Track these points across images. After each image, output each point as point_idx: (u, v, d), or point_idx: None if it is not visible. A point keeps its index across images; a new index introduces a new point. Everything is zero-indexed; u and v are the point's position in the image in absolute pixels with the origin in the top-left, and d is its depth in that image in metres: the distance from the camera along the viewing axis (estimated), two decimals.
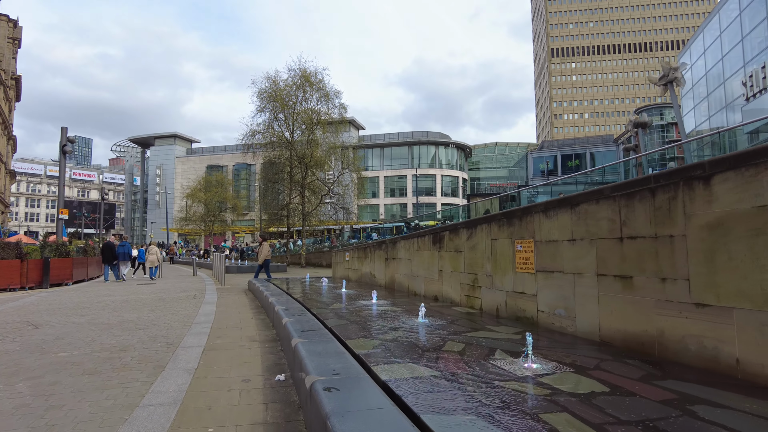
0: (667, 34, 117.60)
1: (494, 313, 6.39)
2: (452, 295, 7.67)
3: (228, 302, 11.15)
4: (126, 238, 24.05)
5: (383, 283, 11.12)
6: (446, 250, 7.84)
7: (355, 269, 13.63)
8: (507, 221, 6.14)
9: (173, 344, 6.19)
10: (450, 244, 7.72)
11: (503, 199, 33.13)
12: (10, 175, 49.39)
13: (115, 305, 10.86)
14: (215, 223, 57.19)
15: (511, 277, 6.02)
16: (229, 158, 75.80)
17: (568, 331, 4.98)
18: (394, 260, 10.39)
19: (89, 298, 12.29)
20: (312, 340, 4.39)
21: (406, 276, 9.66)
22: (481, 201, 34.43)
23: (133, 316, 9.08)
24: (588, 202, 4.72)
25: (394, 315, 6.25)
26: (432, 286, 8.42)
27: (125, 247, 18.75)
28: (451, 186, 69.36)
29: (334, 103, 31.24)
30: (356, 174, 33.98)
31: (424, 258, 8.72)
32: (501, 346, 4.28)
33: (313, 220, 33.59)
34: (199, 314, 9.11)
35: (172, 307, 10.21)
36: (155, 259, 20.11)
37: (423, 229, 30.11)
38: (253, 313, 9.22)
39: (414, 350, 4.10)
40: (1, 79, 42.33)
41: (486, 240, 6.63)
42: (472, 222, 7.05)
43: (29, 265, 15.91)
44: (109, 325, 7.98)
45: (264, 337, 6.64)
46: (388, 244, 10.76)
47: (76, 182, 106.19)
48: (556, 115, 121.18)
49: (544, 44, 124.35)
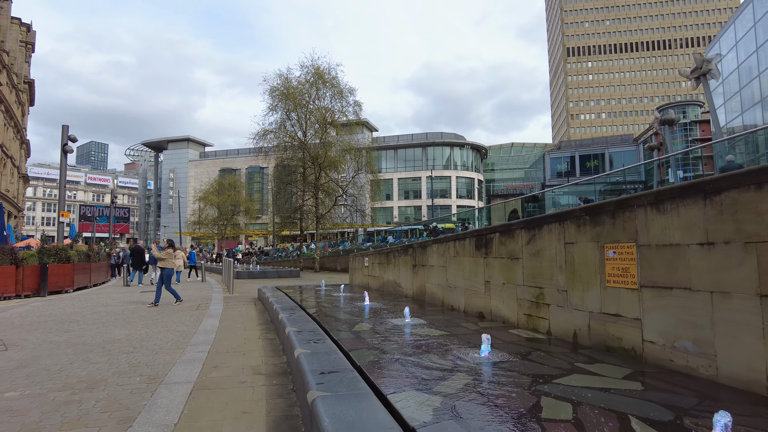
0: (687, 30, 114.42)
1: (570, 339, 4.89)
2: (505, 313, 6.18)
3: (234, 315, 9.81)
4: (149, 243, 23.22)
5: (410, 293, 9.66)
6: (496, 256, 6.37)
7: (375, 276, 12.20)
8: (590, 219, 4.65)
9: (156, 378, 4.82)
10: (501, 249, 6.23)
11: (525, 200, 31.42)
12: (24, 179, 49.14)
13: (108, 318, 9.59)
14: (228, 227, 56.28)
15: (598, 294, 4.53)
16: (242, 161, 75.15)
17: (701, 373, 3.48)
18: (424, 267, 8.92)
19: (84, 309, 11.07)
20: (338, 393, 2.96)
21: (440, 286, 8.19)
22: (502, 202, 32.79)
23: (123, 333, 7.78)
24: (740, 188, 3.22)
25: (443, 345, 4.77)
26: (476, 300, 6.94)
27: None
28: (467, 188, 67.63)
29: (348, 100, 29.97)
30: (372, 175, 32.56)
31: (465, 266, 7.25)
32: (627, 407, 2.80)
33: (327, 223, 32.25)
34: (199, 331, 7.76)
35: (170, 321, 8.90)
36: (181, 264, 20.92)
37: (450, 232, 28.03)
38: (261, 330, 7.84)
39: (500, 419, 2.64)
40: (13, 83, 42.00)
41: (556, 244, 5.14)
42: (535, 221, 5.56)
43: (25, 271, 14.81)
44: (90, 346, 6.67)
45: (272, 369, 5.23)
46: (417, 248, 9.30)
47: (92, 187, 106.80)
48: (572, 116, 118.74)
49: (559, 43, 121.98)
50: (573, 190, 33.12)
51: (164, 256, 11.33)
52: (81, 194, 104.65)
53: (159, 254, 11.44)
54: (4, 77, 37.39)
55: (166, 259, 11.35)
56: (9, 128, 40.78)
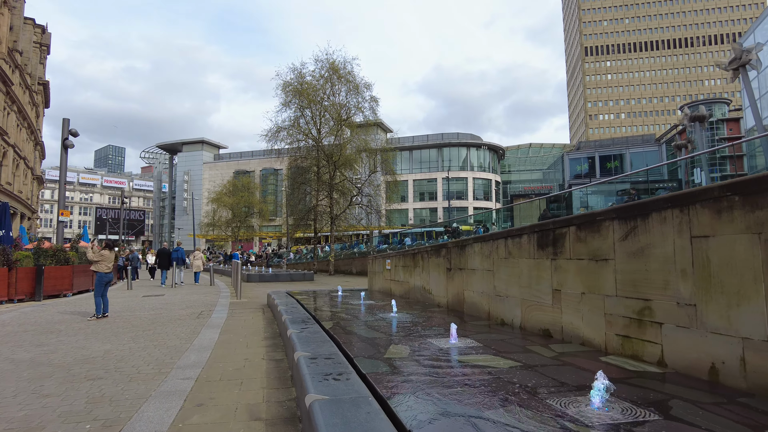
0: (710, 28, 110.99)
1: (705, 375, 3.37)
2: (585, 332, 4.67)
3: (237, 326, 8.44)
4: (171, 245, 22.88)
5: (443, 302, 8.17)
6: (570, 257, 4.86)
7: (399, 281, 10.73)
8: (742, 201, 3.14)
9: (113, 426, 3.44)
10: (579, 247, 4.73)
11: (550, 200, 29.60)
12: (38, 180, 48.88)
13: (96, 328, 8.31)
14: (241, 229, 55.37)
15: (763, 311, 3.01)
16: (256, 163, 74.42)
17: None
18: (462, 271, 7.43)
19: (72, 317, 9.83)
20: None
21: (485, 295, 6.69)
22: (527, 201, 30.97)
23: (103, 348, 6.46)
24: None
25: (526, 387, 3.27)
26: (538, 314, 5.44)
27: (179, 252, 19.88)
28: (484, 189, 65.81)
29: (364, 96, 28.55)
30: (391, 176, 31.02)
31: (521, 270, 5.75)
32: None
33: (342, 224, 30.86)
34: (192, 348, 6.39)
35: (163, 334, 7.56)
36: (200, 264, 21.30)
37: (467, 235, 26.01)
38: (267, 348, 6.43)
39: None
40: (27, 84, 41.68)
41: (675, 238, 3.63)
42: (636, 208, 4.05)
43: (18, 274, 13.68)
44: (54, 368, 5.35)
45: (276, 411, 3.79)
46: (452, 249, 7.81)
47: (108, 189, 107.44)
48: (590, 116, 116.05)
49: (576, 43, 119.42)
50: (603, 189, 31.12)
51: (98, 258, 9.61)
52: (97, 197, 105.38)
53: (92, 256, 9.66)
54: (16, 77, 36.97)
55: (100, 262, 9.63)
56: (22, 129, 40.41)
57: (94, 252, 9.65)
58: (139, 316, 9.81)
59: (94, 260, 9.65)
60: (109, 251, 9.75)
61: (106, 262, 9.70)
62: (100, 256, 9.61)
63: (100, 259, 9.62)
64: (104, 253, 9.65)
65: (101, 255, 9.61)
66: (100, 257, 9.61)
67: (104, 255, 9.65)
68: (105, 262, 9.69)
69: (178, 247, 20.50)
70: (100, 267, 9.66)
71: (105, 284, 9.69)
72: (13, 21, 38.33)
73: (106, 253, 9.68)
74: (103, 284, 9.61)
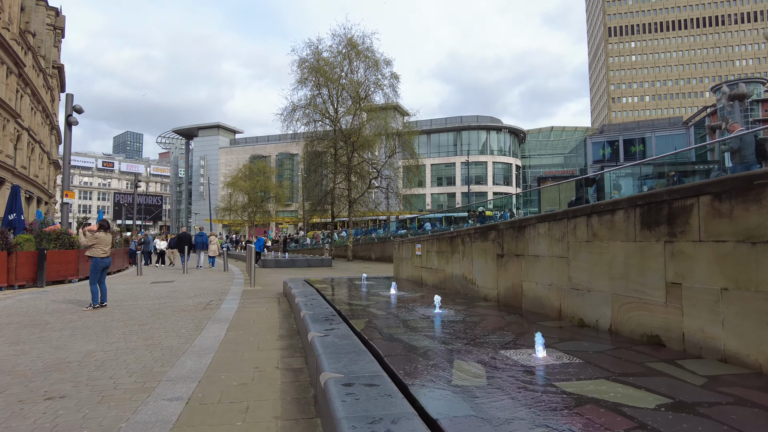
0: (743, 5, 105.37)
1: None
2: (729, 344, 3.30)
3: (248, 320, 7.26)
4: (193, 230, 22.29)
5: (493, 294, 6.83)
6: (700, 239, 3.48)
7: (432, 269, 9.42)
8: None
9: None
10: (719, 224, 3.35)
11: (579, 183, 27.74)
12: (54, 165, 48.62)
13: (87, 320, 7.22)
14: (257, 214, 54.61)
15: None
16: (272, 148, 73.50)
17: None
18: (520, 258, 6.08)
19: (68, 306, 8.81)
20: None
21: (554, 288, 5.34)
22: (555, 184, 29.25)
23: (85, 349, 5.33)
24: None
25: None
26: (641, 315, 4.07)
27: (203, 237, 20.10)
28: (504, 174, 63.83)
29: (383, 72, 26.99)
30: (413, 159, 29.47)
31: (614, 255, 4.37)
32: None
33: (360, 209, 29.61)
34: (191, 350, 5.21)
35: (161, 329, 6.42)
36: (216, 249, 20.92)
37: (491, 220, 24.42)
38: (282, 351, 5.21)
39: None
40: (41, 66, 41.05)
41: None
42: None
43: (18, 258, 12.79)
44: (14, 377, 4.19)
45: None
46: (505, 231, 6.45)
47: (126, 175, 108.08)
48: (613, 99, 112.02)
49: (599, 23, 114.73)
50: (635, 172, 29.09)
51: (92, 242, 8.42)
52: (115, 182, 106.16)
53: (85, 240, 8.44)
54: (29, 59, 36.26)
55: (95, 246, 8.44)
56: (37, 113, 39.89)
57: (87, 236, 8.48)
58: (141, 306, 8.72)
59: (88, 245, 8.51)
60: (104, 233, 8.60)
61: (101, 245, 8.56)
62: (95, 239, 8.46)
63: (94, 242, 8.47)
64: (99, 235, 8.49)
65: (96, 238, 8.45)
66: (94, 240, 8.45)
67: (99, 237, 8.49)
68: (101, 246, 8.55)
69: (202, 232, 20.48)
70: (95, 251, 8.52)
71: (102, 270, 8.60)
72: (25, 1, 37.50)
73: (102, 235, 8.52)
74: (99, 270, 8.50)
